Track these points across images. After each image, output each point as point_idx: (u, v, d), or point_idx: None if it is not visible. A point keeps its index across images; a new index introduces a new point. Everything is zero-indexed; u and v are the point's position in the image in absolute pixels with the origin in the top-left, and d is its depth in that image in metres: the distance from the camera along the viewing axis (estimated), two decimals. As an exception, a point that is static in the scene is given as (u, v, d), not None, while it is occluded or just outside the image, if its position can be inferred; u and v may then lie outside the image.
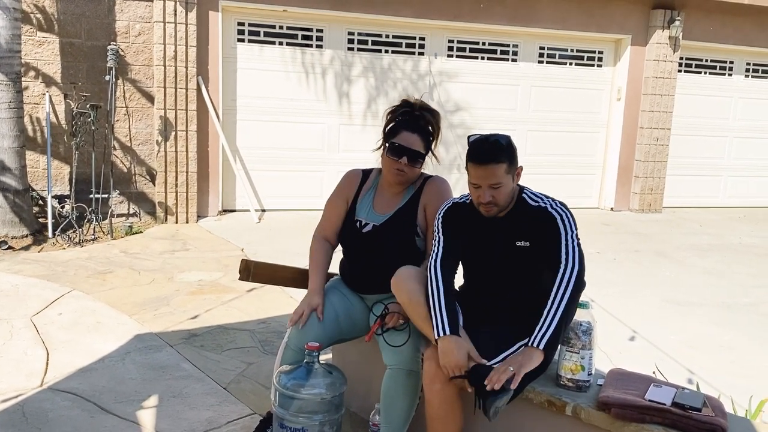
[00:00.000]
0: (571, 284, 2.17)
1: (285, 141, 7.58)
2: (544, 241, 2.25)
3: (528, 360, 2.11)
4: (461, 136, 8.18)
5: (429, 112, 2.64)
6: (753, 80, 9.46)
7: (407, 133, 2.57)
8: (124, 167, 6.90)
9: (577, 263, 2.20)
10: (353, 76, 7.74)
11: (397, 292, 2.38)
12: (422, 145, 2.58)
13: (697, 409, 2.01)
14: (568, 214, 2.28)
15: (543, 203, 2.31)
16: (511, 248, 2.31)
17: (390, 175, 2.61)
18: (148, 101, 6.87)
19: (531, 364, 2.11)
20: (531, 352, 2.13)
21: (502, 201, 2.27)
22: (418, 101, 2.65)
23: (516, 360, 2.12)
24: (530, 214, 2.30)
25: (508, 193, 2.27)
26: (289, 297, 4.47)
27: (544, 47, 8.43)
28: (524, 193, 2.36)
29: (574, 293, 2.16)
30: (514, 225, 2.31)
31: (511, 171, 2.26)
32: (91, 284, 4.72)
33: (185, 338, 3.79)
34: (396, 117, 2.63)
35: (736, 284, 5.57)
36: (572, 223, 2.26)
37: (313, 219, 3.00)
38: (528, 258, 2.29)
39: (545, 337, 2.12)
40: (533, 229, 2.28)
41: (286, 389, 2.35)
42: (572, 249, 2.21)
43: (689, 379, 3.50)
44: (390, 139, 2.59)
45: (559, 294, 2.16)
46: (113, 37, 6.66)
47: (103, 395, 3.03)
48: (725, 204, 9.57)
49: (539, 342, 2.12)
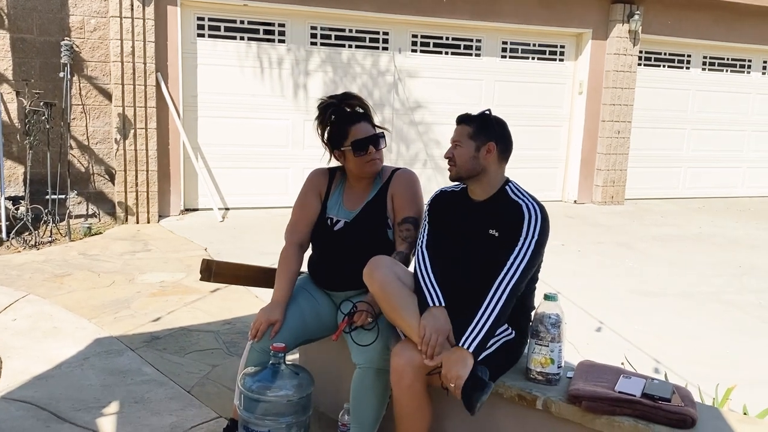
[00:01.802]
0: (507, 291, 2.16)
1: (248, 138, 7.46)
2: (508, 236, 2.25)
3: (463, 369, 2.07)
4: (422, 133, 8.17)
5: (352, 98, 2.63)
6: (710, 73, 9.66)
7: (356, 125, 2.56)
8: (82, 167, 6.70)
9: (519, 271, 2.18)
10: (316, 71, 7.66)
11: (369, 280, 2.33)
12: (373, 127, 2.60)
13: (666, 399, 2.01)
14: (539, 219, 2.25)
15: (521, 200, 2.32)
16: (483, 235, 2.31)
17: (364, 170, 2.58)
18: (106, 98, 6.68)
19: (465, 373, 2.07)
20: (463, 357, 2.09)
21: (459, 162, 2.35)
22: (336, 96, 2.64)
23: (452, 376, 2.07)
24: (507, 206, 2.31)
25: (466, 155, 2.33)
26: (255, 296, 4.38)
27: (507, 42, 8.46)
28: (509, 185, 2.39)
29: (509, 299, 2.16)
30: (491, 213, 2.33)
31: (475, 138, 2.32)
32: (48, 288, 4.57)
33: (147, 341, 3.68)
34: (329, 121, 2.60)
35: (698, 273, 5.67)
36: (537, 229, 2.24)
37: (279, 217, 2.94)
38: (495, 248, 2.27)
39: (476, 340, 2.11)
40: (504, 221, 2.28)
41: (252, 392, 2.29)
42: (522, 255, 2.20)
43: (656, 368, 3.53)
44: (342, 143, 2.56)
45: (495, 298, 2.15)
46: (67, 33, 6.46)
47: (60, 403, 2.91)
48: (685, 195, 9.76)
49: (469, 344, 2.11)
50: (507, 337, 2.29)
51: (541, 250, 2.25)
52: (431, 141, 8.20)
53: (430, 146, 8.21)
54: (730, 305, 4.82)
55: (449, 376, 2.08)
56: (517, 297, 2.20)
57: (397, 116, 8.05)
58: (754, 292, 5.17)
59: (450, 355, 2.11)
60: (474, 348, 2.10)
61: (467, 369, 2.07)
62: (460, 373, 2.06)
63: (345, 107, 2.62)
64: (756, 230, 7.71)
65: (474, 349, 2.10)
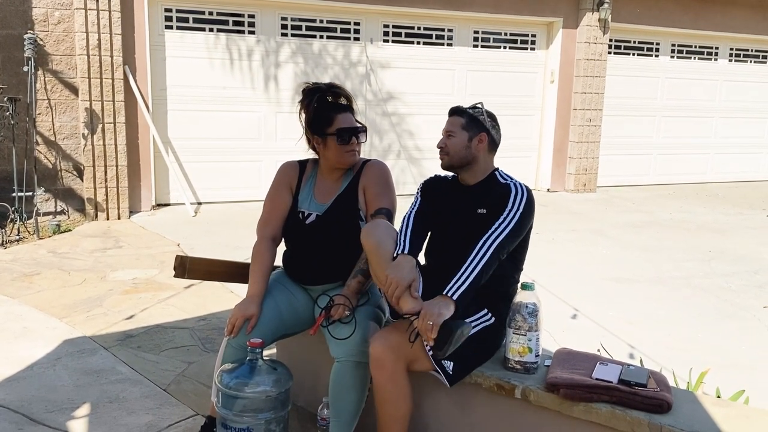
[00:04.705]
0: (492, 249, 2.20)
1: (219, 131, 7.37)
2: (495, 211, 2.30)
3: (445, 309, 2.10)
4: (395, 124, 8.16)
5: (337, 88, 2.62)
6: (678, 61, 9.79)
7: (341, 114, 2.55)
8: (49, 163, 6.56)
9: (505, 233, 2.24)
10: (287, 62, 7.58)
11: (365, 239, 2.33)
12: (355, 119, 2.60)
13: (642, 384, 2.03)
14: (525, 195, 2.32)
15: (510, 181, 2.41)
16: (472, 215, 2.36)
17: (343, 160, 2.56)
18: (72, 93, 6.54)
19: (447, 313, 2.09)
20: (446, 301, 2.12)
21: (452, 151, 2.42)
22: (322, 84, 2.62)
23: (432, 312, 2.09)
24: (496, 188, 2.40)
25: (459, 145, 2.40)
26: (230, 292, 4.34)
27: (479, 31, 8.47)
28: (497, 172, 2.48)
29: (493, 257, 2.20)
30: (480, 195, 2.40)
31: (468, 129, 2.41)
32: (17, 287, 4.46)
33: (121, 340, 3.62)
34: (312, 106, 2.57)
35: (669, 259, 5.76)
36: (522, 202, 2.30)
37: (253, 210, 2.90)
38: (483, 225, 2.29)
39: (459, 289, 2.14)
40: (494, 199, 2.34)
41: (229, 388, 2.26)
42: (507, 221, 2.26)
43: (631, 354, 3.58)
44: (326, 129, 2.53)
45: (479, 254, 2.19)
46: (30, 26, 6.30)
47: (32, 405, 2.85)
48: (655, 182, 9.91)
49: (454, 293, 2.13)
50: (486, 322, 2.30)
51: (524, 224, 2.30)
52: (404, 132, 8.19)
53: (404, 137, 8.20)
54: (700, 289, 4.90)
55: (429, 314, 2.08)
56: (499, 260, 2.22)
57: (370, 107, 8.02)
58: (722, 276, 5.27)
59: (432, 301, 2.13)
60: (457, 297, 2.12)
61: (449, 311, 2.09)
62: (442, 311, 2.08)
63: (330, 96, 2.60)
64: (724, 215, 7.85)
65: (457, 297, 2.12)
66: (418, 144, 8.23)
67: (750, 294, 4.81)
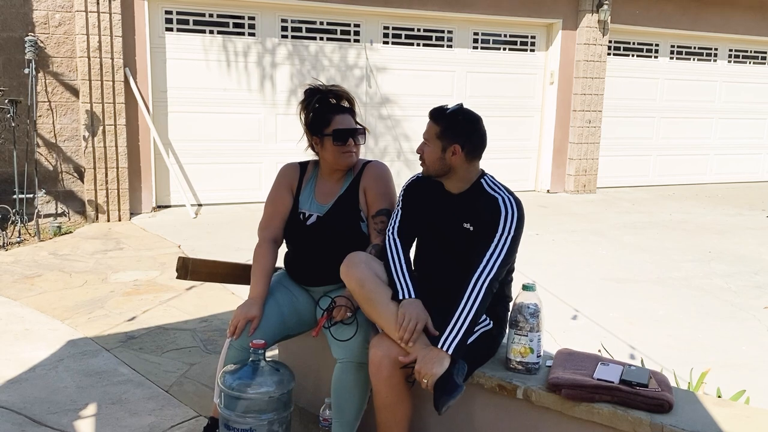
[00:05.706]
0: (484, 288, 2.15)
1: (220, 132, 7.38)
2: (483, 231, 2.24)
3: (439, 367, 2.07)
4: (393, 126, 8.17)
5: (339, 91, 2.63)
6: (677, 62, 9.80)
7: (339, 116, 2.55)
8: (50, 165, 6.57)
9: (495, 267, 2.17)
10: (287, 64, 7.60)
11: (346, 278, 2.31)
12: (355, 121, 2.59)
13: (644, 384, 2.04)
14: (515, 215, 2.24)
15: (497, 194, 2.29)
16: (458, 229, 2.30)
17: (340, 161, 2.56)
18: (73, 95, 6.55)
19: (441, 370, 2.07)
20: (440, 356, 2.09)
21: (428, 162, 2.31)
22: (323, 85, 2.63)
23: (426, 372, 2.07)
24: (483, 199, 2.29)
25: (433, 155, 2.29)
26: (231, 293, 4.35)
27: (478, 33, 8.49)
28: (484, 178, 2.36)
29: (486, 296, 2.16)
30: (466, 206, 2.31)
31: (441, 138, 2.27)
32: (18, 289, 4.47)
33: (122, 341, 3.63)
34: (312, 107, 2.58)
35: (669, 259, 5.77)
36: (513, 225, 2.22)
37: (253, 211, 2.91)
38: (469, 242, 2.27)
39: (455, 341, 2.11)
40: (480, 215, 2.27)
41: (232, 389, 2.27)
42: (498, 252, 2.19)
43: (632, 354, 3.59)
44: (324, 130, 2.54)
45: (471, 297, 2.15)
46: (31, 28, 6.31)
47: (34, 407, 2.86)
48: (655, 182, 9.92)
49: (448, 346, 2.10)
50: (485, 327, 2.30)
51: (516, 245, 2.25)
52: (401, 134, 8.20)
53: (401, 139, 8.21)
54: (700, 290, 4.91)
55: (422, 372, 2.08)
56: (493, 293, 2.20)
57: (368, 109, 8.03)
58: (722, 276, 5.28)
59: (427, 353, 2.11)
60: (453, 350, 2.10)
61: (442, 368, 2.07)
62: (434, 371, 2.06)
63: (331, 98, 2.61)
64: (723, 216, 7.86)
65: (453, 351, 2.10)
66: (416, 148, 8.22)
67: (750, 294, 4.82)
